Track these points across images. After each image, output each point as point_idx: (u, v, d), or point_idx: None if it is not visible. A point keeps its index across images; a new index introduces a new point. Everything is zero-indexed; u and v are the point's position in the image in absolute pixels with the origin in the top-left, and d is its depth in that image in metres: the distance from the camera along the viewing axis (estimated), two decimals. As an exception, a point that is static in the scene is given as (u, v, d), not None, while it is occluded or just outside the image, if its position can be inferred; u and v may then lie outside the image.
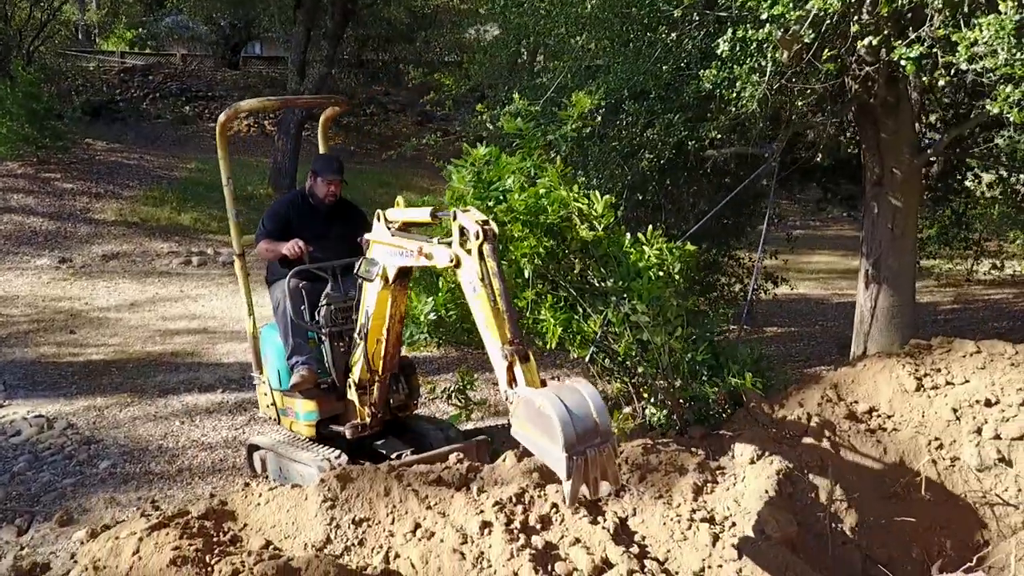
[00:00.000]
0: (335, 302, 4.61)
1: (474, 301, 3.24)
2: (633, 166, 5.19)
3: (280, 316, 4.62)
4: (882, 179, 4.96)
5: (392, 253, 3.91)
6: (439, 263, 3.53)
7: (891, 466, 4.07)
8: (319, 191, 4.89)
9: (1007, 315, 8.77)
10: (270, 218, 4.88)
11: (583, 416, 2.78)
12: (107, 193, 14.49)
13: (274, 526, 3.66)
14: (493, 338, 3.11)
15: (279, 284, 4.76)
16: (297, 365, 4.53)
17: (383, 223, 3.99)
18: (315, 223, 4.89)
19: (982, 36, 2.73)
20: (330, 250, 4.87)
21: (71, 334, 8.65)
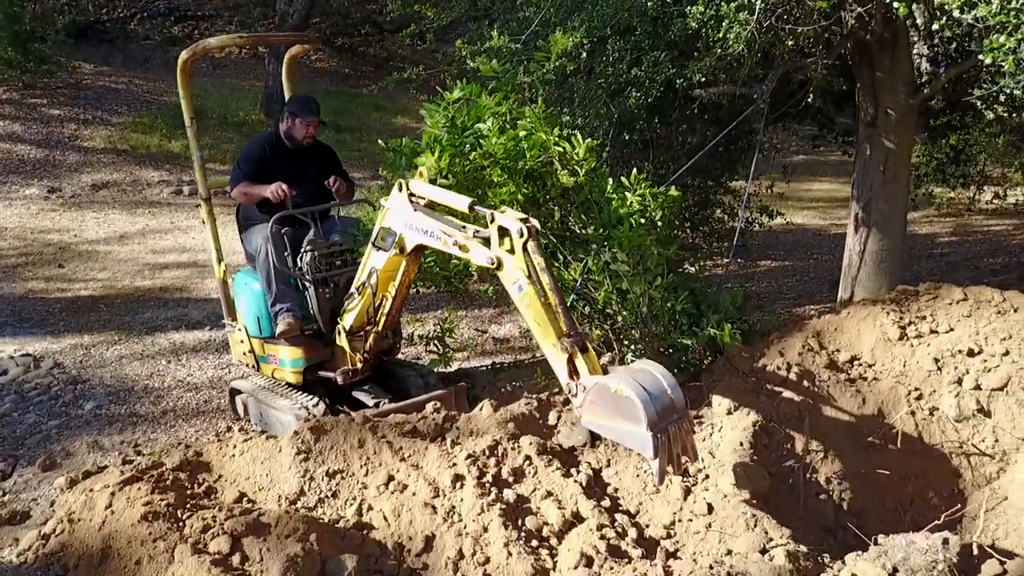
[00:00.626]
0: (318, 248, 4.53)
1: (522, 300, 3.20)
2: (620, 104, 5.01)
3: (262, 263, 4.54)
4: (876, 120, 4.79)
5: (415, 229, 3.73)
6: (475, 261, 3.42)
7: (870, 417, 4.05)
8: (297, 133, 4.75)
9: (1004, 249, 8.66)
10: (245, 160, 4.75)
11: (659, 394, 2.84)
12: (95, 119, 14.22)
13: (248, 478, 3.68)
14: (547, 333, 3.09)
15: (258, 230, 4.67)
16: (282, 313, 4.48)
17: (405, 194, 3.78)
18: (291, 165, 4.77)
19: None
20: (307, 193, 4.77)
21: (60, 268, 8.60)
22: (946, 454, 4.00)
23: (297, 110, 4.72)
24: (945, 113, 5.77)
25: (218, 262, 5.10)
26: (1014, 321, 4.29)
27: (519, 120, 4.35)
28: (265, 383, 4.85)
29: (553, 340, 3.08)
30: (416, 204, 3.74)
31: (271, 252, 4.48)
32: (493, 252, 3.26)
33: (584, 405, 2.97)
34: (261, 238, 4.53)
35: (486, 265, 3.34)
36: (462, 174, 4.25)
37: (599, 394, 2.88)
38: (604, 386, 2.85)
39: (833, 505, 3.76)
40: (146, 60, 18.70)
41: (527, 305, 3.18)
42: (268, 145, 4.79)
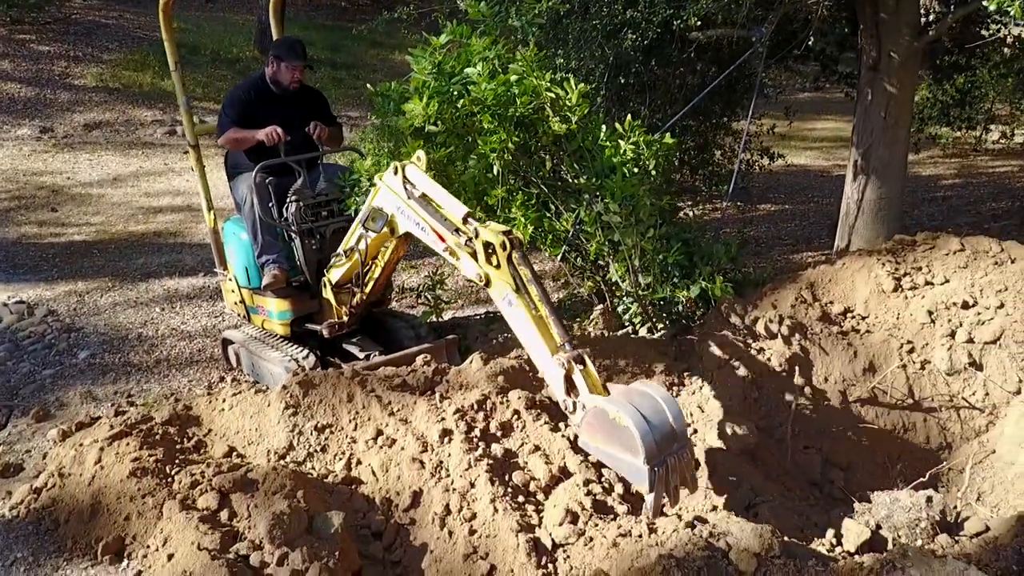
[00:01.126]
0: (304, 199, 4.45)
1: (512, 314, 3.09)
2: (615, 46, 4.86)
3: (247, 213, 4.48)
4: (878, 63, 4.63)
5: (408, 216, 3.58)
6: (464, 272, 3.29)
7: (861, 370, 4.04)
8: (283, 78, 4.62)
9: (1008, 192, 8.52)
10: (232, 106, 4.62)
11: (660, 423, 2.68)
12: (86, 56, 13.96)
13: (238, 432, 3.69)
14: (540, 345, 2.97)
15: (244, 179, 4.59)
16: (268, 264, 4.44)
17: (400, 177, 3.60)
18: (279, 110, 4.66)
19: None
20: (294, 139, 4.67)
21: (53, 212, 8.54)
22: (936, 407, 4.00)
23: (283, 54, 4.58)
24: (952, 54, 5.59)
25: (208, 210, 5.03)
26: (1011, 273, 4.24)
27: (510, 64, 4.23)
28: (256, 333, 4.83)
29: (547, 353, 2.95)
30: (410, 192, 3.58)
31: (255, 202, 4.41)
32: (482, 269, 3.14)
33: (582, 425, 2.85)
34: (246, 187, 4.46)
35: (474, 279, 3.22)
36: (451, 121, 4.15)
37: (597, 418, 2.76)
38: (603, 411, 2.73)
39: (820, 459, 3.77)
40: (137, -7, 18.28)
41: (518, 318, 3.07)
42: (254, 89, 4.67)
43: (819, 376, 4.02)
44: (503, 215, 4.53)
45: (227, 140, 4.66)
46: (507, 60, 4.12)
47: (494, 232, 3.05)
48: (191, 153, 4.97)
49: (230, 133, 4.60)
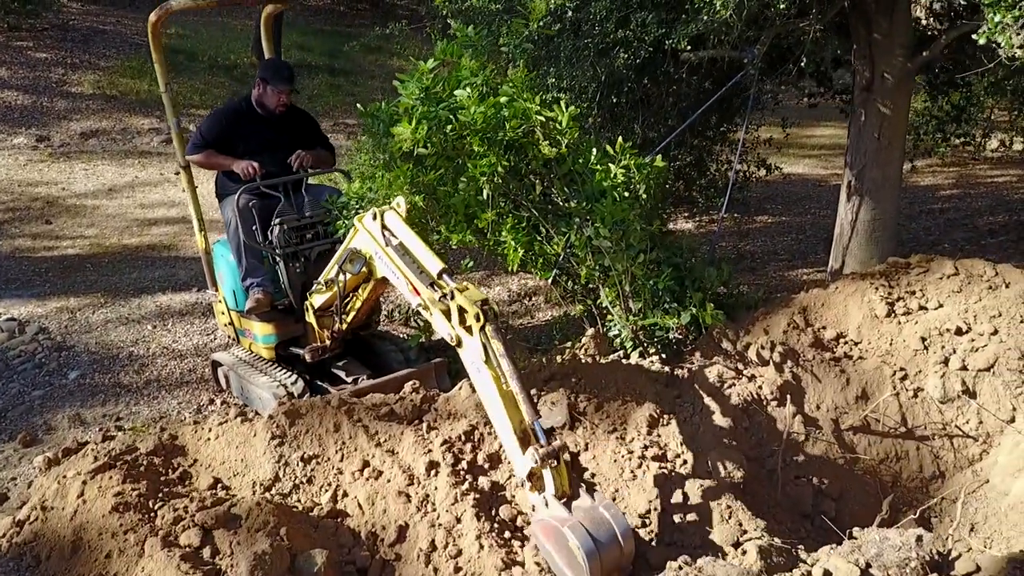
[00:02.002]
0: (289, 222, 4.42)
1: (480, 381, 3.05)
2: (607, 65, 4.82)
3: (231, 235, 4.45)
4: (872, 84, 4.60)
5: (385, 263, 3.54)
6: (436, 329, 3.23)
7: (854, 398, 4.00)
8: (268, 101, 4.58)
9: (1005, 205, 8.48)
10: (211, 126, 4.58)
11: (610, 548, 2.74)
12: (83, 63, 13.92)
13: (224, 463, 3.66)
14: (504, 420, 2.94)
15: (229, 200, 4.56)
16: (252, 288, 4.41)
17: (379, 223, 3.56)
18: (264, 133, 4.63)
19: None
20: (281, 161, 4.64)
21: (47, 224, 8.51)
22: (929, 436, 3.96)
23: (269, 77, 4.55)
24: (946, 70, 5.56)
25: (200, 231, 5.00)
26: (1004, 298, 4.20)
27: (501, 86, 4.20)
28: (245, 356, 4.80)
29: (510, 430, 2.91)
30: (388, 239, 3.53)
31: (239, 225, 4.38)
32: (455, 331, 3.05)
33: (539, 522, 2.88)
34: (230, 210, 4.43)
35: (445, 338, 3.15)
36: (440, 144, 4.12)
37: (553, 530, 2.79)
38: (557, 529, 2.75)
39: (812, 489, 3.74)
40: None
41: (485, 388, 3.01)
42: (239, 112, 4.63)
43: (811, 404, 3.98)
44: (493, 238, 4.50)
45: (202, 160, 4.63)
46: (497, 83, 4.09)
47: (470, 301, 2.96)
48: (182, 174, 4.95)
49: (203, 155, 4.59)
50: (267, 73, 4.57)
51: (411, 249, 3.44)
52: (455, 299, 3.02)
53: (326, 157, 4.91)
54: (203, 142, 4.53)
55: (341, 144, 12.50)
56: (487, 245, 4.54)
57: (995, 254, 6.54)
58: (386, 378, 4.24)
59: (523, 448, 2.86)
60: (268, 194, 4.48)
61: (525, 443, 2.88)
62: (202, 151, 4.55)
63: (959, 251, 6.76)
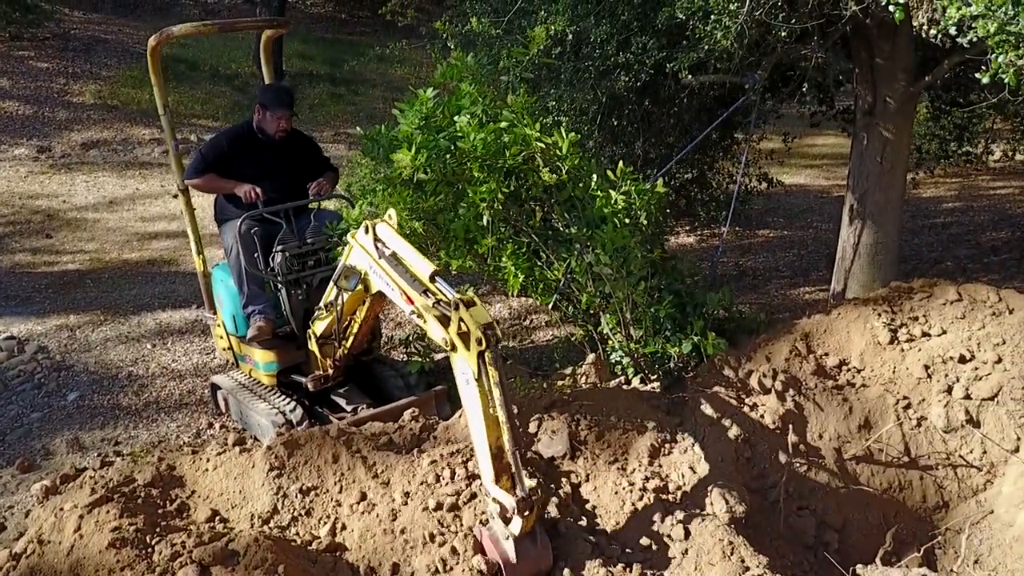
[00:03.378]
0: (290, 248, 4.40)
1: (467, 394, 3.02)
2: (608, 87, 4.80)
3: (232, 262, 4.43)
4: (874, 108, 4.57)
5: (379, 276, 3.52)
6: (431, 335, 3.19)
7: (856, 427, 3.97)
8: (268, 127, 4.55)
9: (1008, 220, 8.44)
10: (211, 148, 4.56)
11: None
12: (85, 73, 13.92)
13: (222, 494, 3.63)
14: (481, 438, 2.99)
15: (230, 226, 4.53)
16: (253, 315, 4.38)
17: (371, 237, 3.53)
18: (265, 158, 4.60)
19: (970, 11, 2.37)
20: (282, 187, 4.62)
21: (47, 239, 8.50)
22: (933, 465, 3.93)
23: (268, 102, 4.52)
24: (948, 91, 5.53)
25: (198, 255, 4.98)
26: (1008, 325, 4.17)
27: (500, 112, 4.18)
28: (244, 380, 4.78)
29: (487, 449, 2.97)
30: (381, 251, 3.50)
31: (240, 252, 4.36)
32: (451, 336, 2.98)
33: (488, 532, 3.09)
34: (231, 237, 4.40)
35: (439, 343, 3.11)
36: (440, 171, 4.11)
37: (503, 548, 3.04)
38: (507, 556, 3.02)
39: (815, 520, 3.71)
40: (136, 6, 18.28)
41: (471, 403, 3.01)
42: (239, 137, 4.60)
43: (813, 433, 3.96)
44: (493, 263, 4.48)
45: (202, 183, 4.61)
46: (497, 110, 4.07)
47: (475, 323, 2.88)
48: (180, 197, 4.93)
49: (205, 179, 4.56)
50: (266, 99, 4.55)
51: (403, 257, 3.41)
52: (459, 311, 2.94)
53: (333, 179, 4.88)
54: (204, 166, 4.51)
55: (342, 155, 12.49)
56: (487, 271, 4.52)
57: (998, 273, 6.51)
58: (385, 408, 4.22)
59: (496, 470, 2.97)
60: (270, 220, 4.45)
61: (499, 462, 2.98)
62: (203, 175, 4.52)
63: (962, 269, 6.73)
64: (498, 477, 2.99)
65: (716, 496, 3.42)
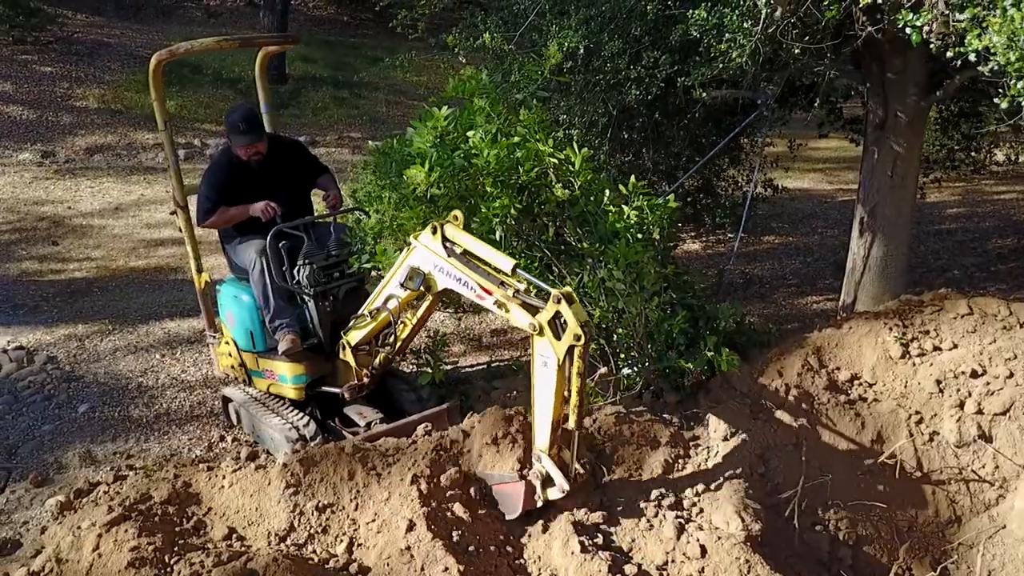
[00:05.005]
0: (317, 261, 4.41)
1: (543, 375, 3.26)
2: (618, 102, 4.81)
3: (257, 278, 4.39)
4: (885, 122, 4.59)
5: (446, 274, 3.67)
6: (514, 321, 3.40)
7: (869, 441, 3.99)
8: (241, 155, 4.51)
9: (1013, 227, 8.45)
10: (211, 186, 4.51)
11: None
12: (88, 77, 13.92)
13: (238, 511, 3.64)
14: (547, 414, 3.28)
15: (249, 243, 4.51)
16: (282, 329, 4.38)
17: (439, 238, 3.67)
18: (259, 179, 4.58)
19: (992, 42, 2.38)
20: (288, 202, 4.61)
21: (54, 246, 8.50)
22: (945, 480, 3.95)
23: (230, 133, 4.48)
24: (956, 102, 5.54)
25: (198, 272, 4.96)
26: (1020, 339, 4.18)
27: (513, 127, 4.19)
28: (255, 393, 4.78)
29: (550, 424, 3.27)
30: (450, 250, 3.66)
31: (267, 267, 4.35)
32: (540, 319, 3.20)
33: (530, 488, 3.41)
34: (255, 252, 4.39)
35: (524, 328, 3.32)
36: (453, 187, 4.12)
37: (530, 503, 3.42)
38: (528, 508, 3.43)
39: (828, 536, 3.73)
40: (139, 8, 18.25)
41: (545, 385, 3.25)
42: (229, 166, 4.52)
43: (827, 448, 3.97)
44: (506, 278, 4.49)
45: (218, 220, 4.56)
46: (510, 128, 4.07)
47: (576, 320, 3.11)
48: (180, 214, 4.87)
49: (217, 216, 4.53)
50: (228, 130, 4.51)
51: (478, 253, 3.59)
52: (561, 304, 3.14)
53: (335, 182, 4.90)
54: (211, 204, 4.47)
55: (346, 159, 12.51)
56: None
57: (1006, 282, 6.52)
58: (400, 423, 4.23)
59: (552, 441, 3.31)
60: (290, 235, 4.45)
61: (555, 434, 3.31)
62: (213, 214, 4.50)
63: (969, 278, 6.74)
64: (551, 447, 3.32)
65: (732, 514, 3.43)
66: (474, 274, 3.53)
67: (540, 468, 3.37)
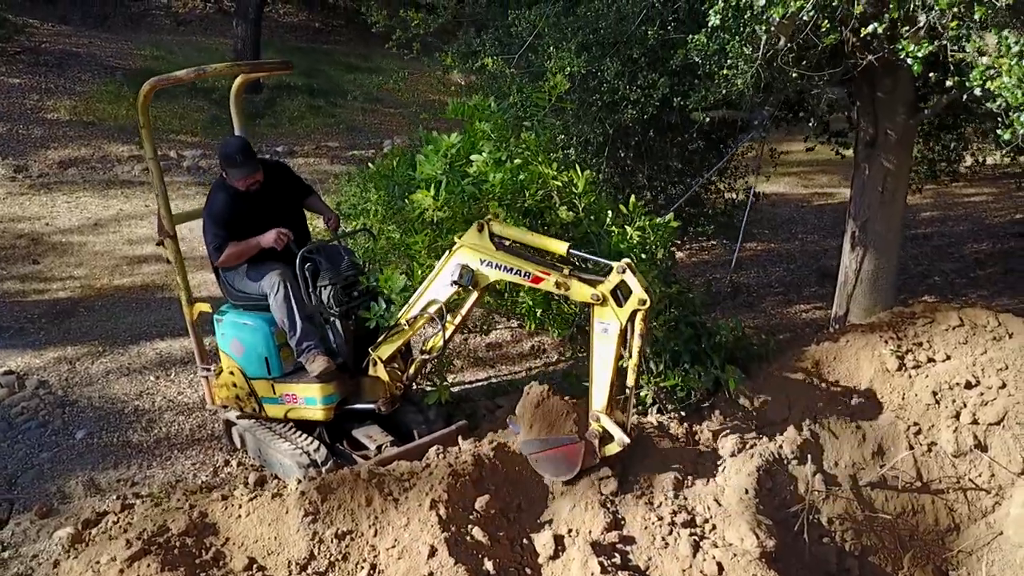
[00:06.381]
0: (337, 282, 4.43)
1: (603, 341, 3.62)
2: (615, 121, 4.88)
3: (282, 302, 4.35)
4: (875, 140, 4.73)
5: (495, 267, 3.86)
6: (575, 295, 3.70)
7: (871, 453, 4.11)
8: (239, 186, 4.49)
9: (986, 231, 8.69)
10: (218, 226, 4.49)
11: None
12: (58, 88, 13.69)
13: (257, 540, 3.65)
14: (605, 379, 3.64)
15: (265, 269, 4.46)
16: (310, 351, 4.36)
17: (486, 233, 3.85)
18: (259, 207, 4.57)
19: (1002, 83, 2.49)
20: (285, 223, 4.61)
21: (35, 264, 8.37)
22: (944, 489, 4.08)
23: (226, 167, 4.47)
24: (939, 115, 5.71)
25: (189, 304, 4.87)
26: (1009, 350, 4.33)
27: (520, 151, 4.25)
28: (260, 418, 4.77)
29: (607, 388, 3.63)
30: (499, 244, 3.88)
31: (291, 291, 4.34)
32: (603, 289, 3.56)
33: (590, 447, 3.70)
34: (277, 276, 4.38)
35: (588, 300, 3.63)
36: (460, 211, 4.16)
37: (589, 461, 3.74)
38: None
39: (836, 548, 3.83)
40: (106, 17, 17.99)
41: (605, 350, 3.61)
42: (229, 199, 4.50)
43: (829, 461, 4.08)
44: (511, 298, 4.55)
45: (231, 256, 4.52)
46: (513, 153, 4.13)
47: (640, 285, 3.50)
48: (168, 244, 4.76)
49: (231, 248, 4.49)
50: (225, 164, 4.48)
51: (530, 242, 3.88)
52: (624, 274, 3.53)
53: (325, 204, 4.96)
54: (222, 241, 4.45)
55: (325, 169, 12.46)
56: (505, 305, 4.59)
57: (986, 288, 6.73)
58: (411, 445, 4.26)
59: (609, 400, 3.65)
60: (292, 259, 4.46)
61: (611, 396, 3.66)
62: (223, 251, 4.48)
63: (950, 285, 6.93)
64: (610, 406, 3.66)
65: (747, 531, 3.52)
66: (527, 262, 3.79)
67: (597, 427, 3.67)
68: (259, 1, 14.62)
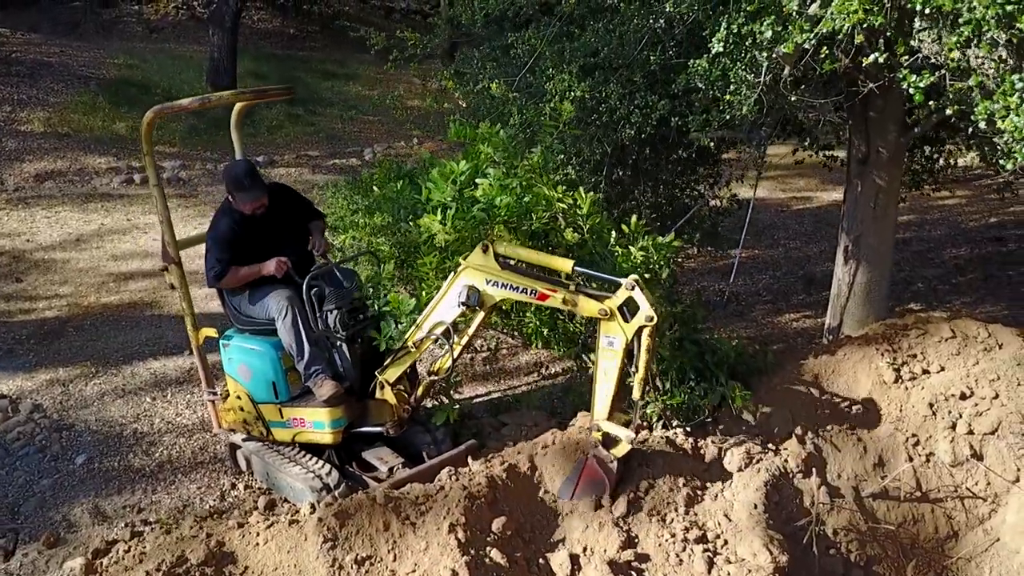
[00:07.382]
0: (343, 305, 4.45)
1: (607, 356, 3.73)
2: (613, 140, 4.96)
3: (289, 326, 4.37)
4: (868, 158, 4.87)
5: (501, 286, 3.94)
6: (583, 311, 3.79)
7: (872, 465, 4.23)
8: (246, 210, 4.49)
9: (964, 235, 8.92)
10: (222, 250, 4.48)
11: None
12: (31, 99, 13.48)
13: (276, 568, 3.67)
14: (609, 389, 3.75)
15: (271, 294, 4.47)
16: (317, 375, 4.38)
17: (491, 253, 3.94)
18: (263, 229, 4.58)
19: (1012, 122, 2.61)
20: (289, 246, 4.63)
21: (18, 283, 8.26)
22: (942, 498, 4.21)
23: (232, 191, 4.47)
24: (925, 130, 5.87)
25: (194, 329, 4.84)
26: (1000, 360, 4.47)
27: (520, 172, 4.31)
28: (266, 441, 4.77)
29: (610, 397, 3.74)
30: (504, 263, 3.96)
31: (299, 315, 4.35)
32: (610, 304, 3.67)
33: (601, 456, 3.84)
34: (284, 300, 4.39)
35: (595, 314, 3.73)
36: (468, 235, 4.22)
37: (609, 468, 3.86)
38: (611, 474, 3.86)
39: (842, 559, 3.94)
40: (77, 24, 17.75)
41: (609, 366, 3.72)
42: (234, 223, 4.51)
43: (833, 474, 4.19)
44: (517, 319, 4.61)
45: (232, 281, 4.53)
46: (524, 179, 4.19)
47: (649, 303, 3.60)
48: (173, 270, 4.72)
49: (232, 273, 4.50)
50: (231, 187, 4.48)
51: (535, 260, 3.99)
52: (632, 290, 3.63)
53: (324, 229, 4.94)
54: (223, 266, 4.44)
55: (307, 179, 12.41)
56: (511, 324, 4.65)
57: (968, 295, 6.92)
58: (423, 467, 4.30)
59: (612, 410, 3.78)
60: (294, 282, 4.47)
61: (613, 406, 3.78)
62: (224, 275, 4.47)
63: (933, 291, 7.12)
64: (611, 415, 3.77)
65: (760, 546, 3.61)
66: (533, 280, 3.88)
67: (596, 436, 3.81)
68: (236, 9, 14.51)
